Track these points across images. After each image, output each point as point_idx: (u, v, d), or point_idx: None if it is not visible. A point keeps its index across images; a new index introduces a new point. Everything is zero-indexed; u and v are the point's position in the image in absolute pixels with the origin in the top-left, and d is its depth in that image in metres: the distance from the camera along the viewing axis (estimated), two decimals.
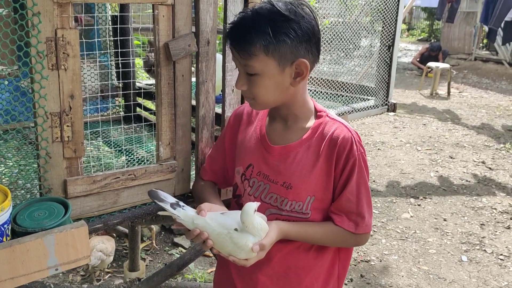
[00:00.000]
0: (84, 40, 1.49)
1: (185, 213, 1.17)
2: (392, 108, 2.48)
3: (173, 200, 1.20)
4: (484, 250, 3.44)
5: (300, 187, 1.22)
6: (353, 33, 2.51)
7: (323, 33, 2.42)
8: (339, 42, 2.46)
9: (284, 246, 1.24)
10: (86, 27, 2.25)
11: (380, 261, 3.27)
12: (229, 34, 1.16)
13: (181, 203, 1.20)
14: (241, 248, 1.11)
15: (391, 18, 2.41)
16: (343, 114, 2.13)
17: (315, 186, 1.22)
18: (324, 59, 2.81)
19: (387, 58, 2.44)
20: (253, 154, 1.30)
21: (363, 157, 1.22)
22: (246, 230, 1.11)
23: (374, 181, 4.65)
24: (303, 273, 1.28)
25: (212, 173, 1.45)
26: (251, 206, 1.10)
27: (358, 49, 2.71)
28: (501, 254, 3.39)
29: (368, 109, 2.40)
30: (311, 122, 1.26)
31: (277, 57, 1.12)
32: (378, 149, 5.67)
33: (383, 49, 2.46)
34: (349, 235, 1.25)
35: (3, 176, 1.66)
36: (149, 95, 2.48)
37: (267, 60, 1.12)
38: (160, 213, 1.21)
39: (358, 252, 3.36)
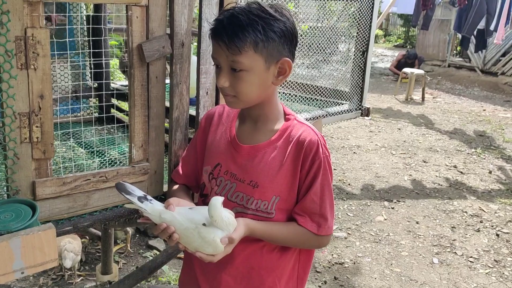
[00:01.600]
0: (55, 40, 1.47)
1: (152, 207, 1.16)
2: (366, 112, 2.52)
3: (140, 193, 1.19)
4: (455, 252, 3.52)
5: (266, 186, 1.24)
6: (330, 38, 2.54)
7: (302, 38, 2.44)
8: (317, 47, 2.48)
9: (248, 246, 1.25)
10: (59, 27, 2.21)
11: (354, 263, 3.31)
12: (216, 29, 1.16)
13: (149, 197, 1.19)
14: (208, 243, 1.11)
15: (365, 24, 2.45)
16: (317, 118, 2.16)
17: (281, 186, 1.24)
18: (302, 63, 2.83)
19: (361, 63, 2.47)
20: (222, 153, 1.31)
21: (328, 160, 1.25)
22: (214, 225, 1.11)
23: (349, 185, 4.71)
24: (265, 273, 1.30)
25: (184, 176, 1.46)
26: (218, 199, 1.10)
27: (335, 54, 2.75)
28: (471, 257, 3.47)
29: (342, 113, 2.43)
30: (280, 125, 1.29)
31: (265, 54, 1.15)
32: (354, 152, 5.74)
33: (357, 54, 2.49)
34: (312, 236, 1.27)
35: None
36: (124, 96, 2.45)
37: (255, 57, 1.14)
38: (126, 205, 1.20)
39: (332, 255, 3.40)
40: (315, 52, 2.51)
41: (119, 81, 3.29)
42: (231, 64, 1.16)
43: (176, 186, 1.46)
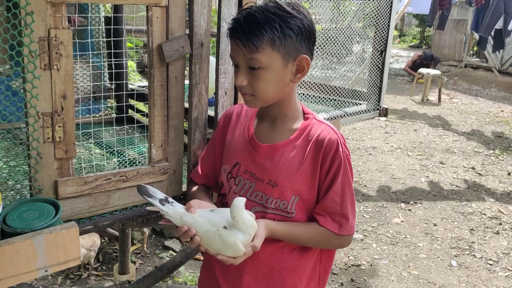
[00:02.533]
0: (77, 40, 1.48)
1: (173, 210, 1.16)
2: (384, 113, 2.50)
3: (162, 196, 1.20)
4: (474, 255, 3.47)
5: (285, 185, 1.23)
6: (345, 38, 2.52)
7: (316, 39, 2.42)
8: (331, 47, 2.47)
9: (268, 246, 1.24)
10: (80, 27, 2.24)
11: (371, 265, 3.28)
12: (234, 28, 1.17)
13: (170, 199, 1.20)
14: (229, 246, 1.11)
15: (384, 24, 2.43)
16: (335, 118, 2.14)
17: (300, 185, 1.24)
18: (316, 64, 2.82)
19: (379, 63, 2.45)
20: (241, 153, 1.31)
21: (348, 159, 1.24)
22: (235, 227, 1.11)
23: (365, 186, 4.67)
24: (287, 273, 1.29)
25: (203, 175, 1.46)
26: (241, 200, 1.09)
27: (350, 54, 2.73)
28: (490, 259, 3.41)
29: (360, 113, 2.41)
30: (299, 124, 1.28)
31: (282, 51, 1.15)
32: (369, 154, 5.70)
33: (375, 54, 2.47)
34: (333, 236, 1.26)
35: None
36: (141, 97, 2.47)
37: (273, 54, 1.14)
38: (148, 208, 1.21)
39: (348, 257, 3.37)
40: (329, 54, 2.50)
41: (135, 82, 3.32)
42: (248, 62, 1.16)
43: (195, 187, 1.46)
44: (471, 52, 12.24)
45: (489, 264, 3.36)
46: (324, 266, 1.36)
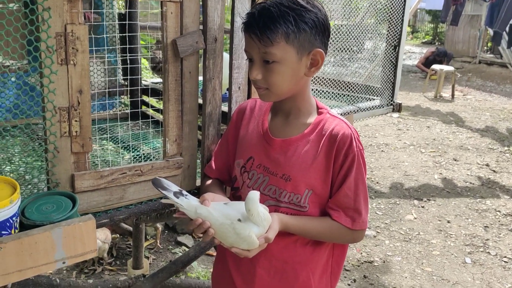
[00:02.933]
0: (92, 36, 1.50)
1: (188, 202, 1.17)
2: (397, 108, 2.48)
3: (176, 188, 1.20)
4: (488, 252, 3.43)
5: (299, 179, 1.24)
6: (357, 35, 2.51)
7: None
8: (343, 44, 2.46)
9: (281, 240, 1.24)
10: (94, 23, 2.26)
11: (383, 262, 3.26)
12: (248, 22, 1.18)
13: (184, 192, 1.20)
14: (243, 239, 1.11)
15: (397, 18, 2.41)
16: (348, 113, 2.14)
17: (314, 180, 1.24)
18: (328, 61, 2.81)
19: (393, 58, 2.44)
20: (255, 147, 1.32)
21: (361, 153, 1.24)
22: (249, 220, 1.11)
23: (377, 183, 4.65)
24: (299, 267, 1.30)
25: (217, 170, 1.47)
26: (256, 193, 1.10)
27: (362, 51, 2.72)
28: (505, 257, 3.38)
29: (373, 108, 2.40)
30: (313, 118, 1.28)
31: (297, 45, 1.15)
32: (382, 151, 5.66)
33: (389, 49, 2.46)
34: (346, 230, 1.26)
35: (11, 171, 1.67)
36: (154, 93, 2.49)
37: (287, 48, 1.15)
38: (163, 201, 1.21)
39: (361, 253, 3.36)
40: (341, 50, 2.49)
41: (149, 79, 3.34)
42: (263, 56, 1.17)
43: (209, 181, 1.47)
44: (485, 48, 12.09)
45: (504, 261, 3.32)
46: (337, 261, 1.36)
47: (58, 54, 1.24)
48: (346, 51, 2.52)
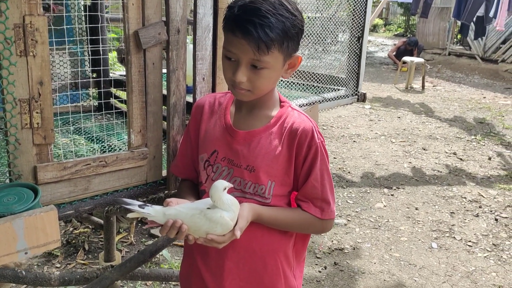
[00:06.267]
0: (53, 27, 1.49)
1: (154, 209, 1.16)
2: (362, 98, 2.54)
3: (139, 202, 1.19)
4: (454, 237, 3.56)
5: (262, 170, 1.26)
6: (329, 28, 2.56)
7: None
8: (316, 37, 2.50)
9: (249, 230, 1.25)
10: (58, 14, 2.23)
11: (354, 249, 3.35)
12: (246, 29, 1.13)
13: (148, 204, 1.19)
14: (216, 222, 1.12)
15: (360, 10, 2.46)
16: (313, 103, 2.18)
17: (276, 170, 1.27)
18: (302, 53, 2.85)
19: (357, 49, 2.49)
20: (218, 140, 1.33)
21: (323, 145, 1.28)
22: (217, 207, 1.13)
23: (349, 172, 4.74)
24: (268, 256, 1.32)
25: (184, 167, 1.45)
26: (221, 182, 1.12)
27: (335, 44, 2.77)
28: (470, 241, 3.51)
29: (339, 98, 2.45)
30: (275, 111, 1.31)
31: (285, 52, 1.19)
32: (354, 141, 5.76)
33: (353, 41, 2.51)
34: (316, 220, 1.30)
35: None
36: (122, 86, 2.48)
37: (278, 55, 1.18)
38: (129, 215, 1.20)
39: (332, 241, 3.44)
40: (314, 42, 2.53)
41: (118, 71, 3.32)
42: (254, 62, 1.17)
43: (182, 186, 1.46)
44: (455, 40, 12.37)
45: (469, 245, 3.45)
46: (300, 247, 1.40)
47: (17, 46, 1.24)
48: (319, 44, 2.56)
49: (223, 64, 1.24)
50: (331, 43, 2.67)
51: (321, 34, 2.52)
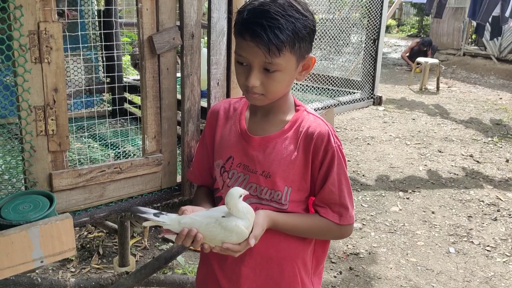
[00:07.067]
0: (67, 34, 1.49)
1: (169, 218, 1.15)
2: (378, 101, 2.50)
3: (154, 211, 1.18)
4: (471, 241, 3.49)
5: (278, 176, 1.24)
6: (342, 29, 2.52)
7: None
8: (328, 38, 2.47)
9: (265, 236, 1.23)
10: (72, 20, 2.24)
11: (369, 253, 3.30)
12: (256, 32, 1.12)
13: (163, 212, 1.18)
14: (231, 231, 1.11)
15: (376, 12, 2.43)
16: (329, 107, 2.15)
17: (293, 176, 1.24)
18: (314, 54, 2.82)
19: (372, 52, 2.46)
20: (233, 146, 1.31)
21: (340, 149, 1.25)
22: (233, 215, 1.11)
23: (363, 176, 4.69)
24: (285, 263, 1.30)
25: (200, 174, 1.43)
26: (237, 189, 1.10)
27: (348, 45, 2.73)
28: (488, 246, 3.43)
29: (354, 102, 2.42)
30: (290, 116, 1.29)
31: (298, 53, 1.16)
32: (368, 144, 5.70)
33: (368, 43, 2.48)
34: (334, 226, 1.27)
35: None
36: (136, 90, 2.48)
37: (290, 57, 1.15)
38: (145, 223, 1.19)
39: (347, 245, 3.39)
40: (327, 44, 2.50)
41: (131, 76, 3.32)
42: (266, 65, 1.15)
43: (198, 192, 1.44)
44: (470, 40, 12.21)
45: (487, 250, 3.38)
46: (320, 254, 1.37)
47: (32, 53, 1.24)
48: (332, 45, 2.53)
49: (236, 70, 1.23)
50: (343, 45, 2.63)
51: (333, 35, 2.48)
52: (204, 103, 1.68)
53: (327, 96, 2.47)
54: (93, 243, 3.28)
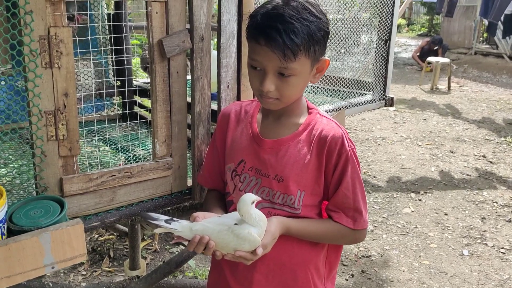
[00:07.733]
0: (77, 38, 1.49)
1: (180, 225, 1.13)
2: (390, 102, 2.47)
3: (166, 217, 1.17)
4: (485, 243, 3.43)
5: (291, 179, 1.22)
6: (352, 29, 2.50)
7: None
8: (338, 39, 2.45)
9: (278, 242, 1.21)
10: (82, 24, 2.24)
11: (381, 256, 3.26)
12: (271, 36, 1.10)
13: (175, 218, 1.17)
14: (243, 239, 1.09)
15: (387, 12, 2.40)
16: (340, 109, 2.13)
17: (306, 180, 1.22)
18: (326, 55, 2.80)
19: (384, 53, 2.43)
20: (245, 150, 1.29)
21: (354, 152, 1.23)
22: (245, 222, 1.10)
23: (374, 177, 4.65)
24: (298, 268, 1.28)
25: (210, 178, 1.42)
26: (250, 196, 1.08)
27: (358, 45, 2.71)
28: (503, 248, 3.38)
29: (366, 103, 2.39)
30: (303, 118, 1.27)
31: (312, 57, 1.15)
32: (379, 144, 5.66)
33: (380, 44, 2.45)
34: (348, 231, 1.25)
35: (1, 176, 1.67)
36: (146, 94, 2.48)
37: (305, 61, 1.14)
38: (156, 230, 1.18)
39: (359, 248, 3.36)
40: (337, 44, 2.48)
41: (141, 79, 3.33)
42: (281, 70, 1.13)
43: (209, 196, 1.43)
44: (481, 39, 12.08)
45: (501, 252, 3.32)
46: (334, 259, 1.35)
47: (42, 58, 1.24)
48: (342, 46, 2.51)
49: (249, 74, 1.21)
50: (353, 45, 2.61)
51: (343, 35, 2.46)
52: (214, 106, 1.67)
53: (338, 98, 2.45)
54: (104, 246, 3.29)
